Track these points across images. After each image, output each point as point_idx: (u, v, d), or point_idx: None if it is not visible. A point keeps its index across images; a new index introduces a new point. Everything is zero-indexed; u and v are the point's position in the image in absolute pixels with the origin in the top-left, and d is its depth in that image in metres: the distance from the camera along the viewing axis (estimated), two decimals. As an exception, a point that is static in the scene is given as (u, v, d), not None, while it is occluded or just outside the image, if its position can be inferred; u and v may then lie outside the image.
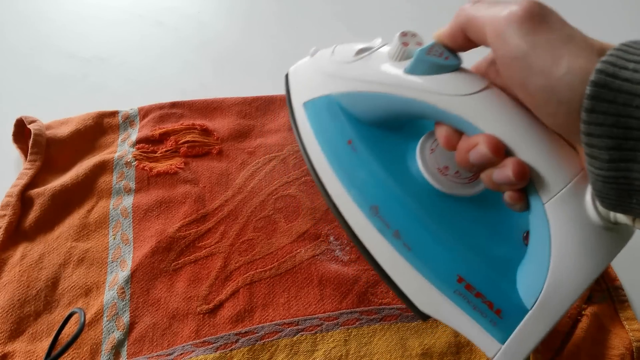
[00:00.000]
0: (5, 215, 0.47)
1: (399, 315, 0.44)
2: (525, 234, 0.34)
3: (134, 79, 0.65)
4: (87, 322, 0.42)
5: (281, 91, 0.61)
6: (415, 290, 0.34)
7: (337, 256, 0.47)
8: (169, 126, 0.56)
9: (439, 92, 0.30)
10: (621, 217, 0.26)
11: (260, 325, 0.42)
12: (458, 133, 0.31)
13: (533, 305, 0.30)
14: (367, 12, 0.76)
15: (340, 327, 0.42)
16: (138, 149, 0.54)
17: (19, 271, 0.44)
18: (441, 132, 0.31)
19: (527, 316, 0.31)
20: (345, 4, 0.78)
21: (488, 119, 0.29)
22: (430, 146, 0.35)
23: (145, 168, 0.52)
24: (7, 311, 0.42)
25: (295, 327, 0.42)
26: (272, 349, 0.41)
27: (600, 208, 0.27)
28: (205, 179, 0.52)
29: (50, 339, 0.40)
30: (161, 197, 0.50)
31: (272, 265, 0.46)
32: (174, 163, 0.53)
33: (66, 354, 0.40)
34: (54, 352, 0.38)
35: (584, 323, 0.42)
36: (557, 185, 0.28)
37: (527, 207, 0.30)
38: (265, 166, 0.54)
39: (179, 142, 0.55)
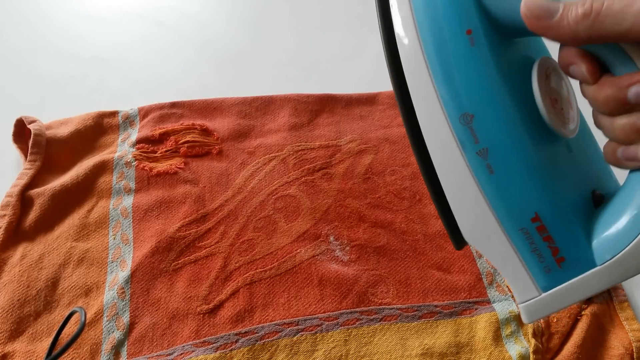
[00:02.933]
0: (5, 215, 0.47)
1: (399, 315, 0.44)
2: (593, 192, 0.32)
3: (134, 79, 0.65)
4: (87, 322, 0.42)
5: (281, 92, 0.62)
6: (469, 218, 0.31)
7: (337, 256, 0.47)
8: (169, 126, 0.56)
9: None
10: None
11: (260, 325, 0.42)
12: (600, 67, 0.28)
13: (605, 262, 0.29)
14: (368, 12, 0.76)
15: (340, 327, 0.42)
16: (138, 149, 0.54)
17: (19, 271, 0.44)
18: (586, 61, 0.27)
19: (591, 272, 0.29)
20: (346, 4, 0.78)
21: None
22: (545, 71, 0.31)
23: (145, 168, 0.52)
24: (7, 311, 0.42)
25: (295, 327, 0.42)
26: (272, 349, 0.41)
27: None
28: (205, 179, 0.52)
29: (50, 339, 0.40)
30: (161, 197, 0.50)
31: (272, 265, 0.46)
32: (174, 163, 0.53)
33: (66, 354, 0.40)
34: (54, 352, 0.38)
35: (583, 323, 0.42)
36: None
37: None
38: (265, 166, 0.54)
39: (179, 142, 0.55)
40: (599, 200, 0.32)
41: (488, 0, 0.29)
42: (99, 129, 0.56)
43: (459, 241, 0.32)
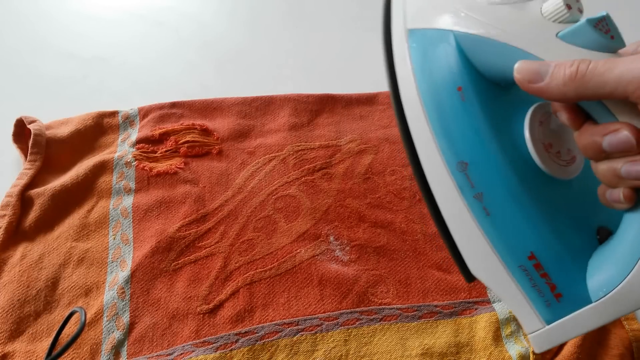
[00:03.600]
0: (5, 215, 0.47)
1: (399, 315, 0.44)
2: (598, 229, 0.33)
3: (134, 79, 0.65)
4: (87, 322, 0.42)
5: (281, 92, 0.62)
6: (474, 255, 0.34)
7: (337, 256, 0.47)
8: (169, 126, 0.56)
9: None
10: None
11: (260, 325, 0.42)
12: (584, 115, 0.29)
13: (599, 299, 0.30)
14: (368, 13, 0.76)
15: (340, 327, 0.43)
16: (138, 149, 0.54)
17: (19, 271, 0.44)
18: (568, 110, 0.29)
19: (587, 307, 0.31)
20: (346, 5, 0.78)
21: (634, 113, 0.27)
22: (540, 117, 0.33)
23: (145, 168, 0.52)
24: (7, 311, 0.42)
25: (295, 327, 0.42)
26: (272, 349, 0.41)
27: None
28: (205, 179, 0.52)
29: (50, 339, 0.40)
30: (161, 197, 0.50)
31: (272, 265, 0.46)
32: (174, 163, 0.53)
33: (66, 354, 0.40)
34: (54, 352, 0.38)
35: (583, 323, 0.42)
36: None
37: (631, 207, 0.29)
38: (265, 166, 0.54)
39: (179, 142, 0.55)
40: (605, 236, 0.33)
41: (475, 60, 0.32)
42: (99, 129, 0.56)
43: (469, 276, 0.34)
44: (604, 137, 0.27)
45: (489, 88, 0.32)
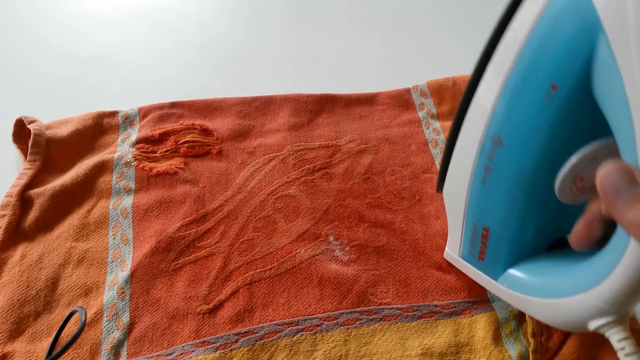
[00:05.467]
0: (5, 215, 0.47)
1: (398, 315, 0.44)
2: (556, 240, 0.38)
3: (134, 79, 0.65)
4: (87, 322, 0.42)
5: (281, 92, 0.62)
6: (452, 190, 0.40)
7: (337, 256, 0.47)
8: (168, 126, 0.56)
9: None
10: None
11: (260, 325, 0.42)
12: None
13: (501, 285, 0.39)
14: (369, 13, 0.76)
15: (340, 327, 0.43)
16: (138, 149, 0.54)
17: (19, 271, 0.44)
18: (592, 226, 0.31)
19: (491, 280, 0.41)
20: (347, 5, 0.78)
21: None
22: (597, 154, 0.30)
23: (145, 168, 0.52)
24: (7, 311, 0.42)
25: (295, 327, 0.42)
26: (271, 349, 0.41)
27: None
28: (205, 179, 0.52)
29: (50, 339, 0.40)
30: (161, 197, 0.50)
31: (272, 265, 0.46)
32: (174, 163, 0.53)
33: (66, 354, 0.40)
34: (54, 352, 0.38)
35: (583, 323, 0.42)
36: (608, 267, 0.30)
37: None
38: (265, 166, 0.54)
39: (179, 142, 0.55)
40: (556, 246, 0.38)
41: (595, 82, 0.27)
42: (98, 129, 0.56)
43: (441, 189, 0.41)
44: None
45: (582, 104, 0.28)
